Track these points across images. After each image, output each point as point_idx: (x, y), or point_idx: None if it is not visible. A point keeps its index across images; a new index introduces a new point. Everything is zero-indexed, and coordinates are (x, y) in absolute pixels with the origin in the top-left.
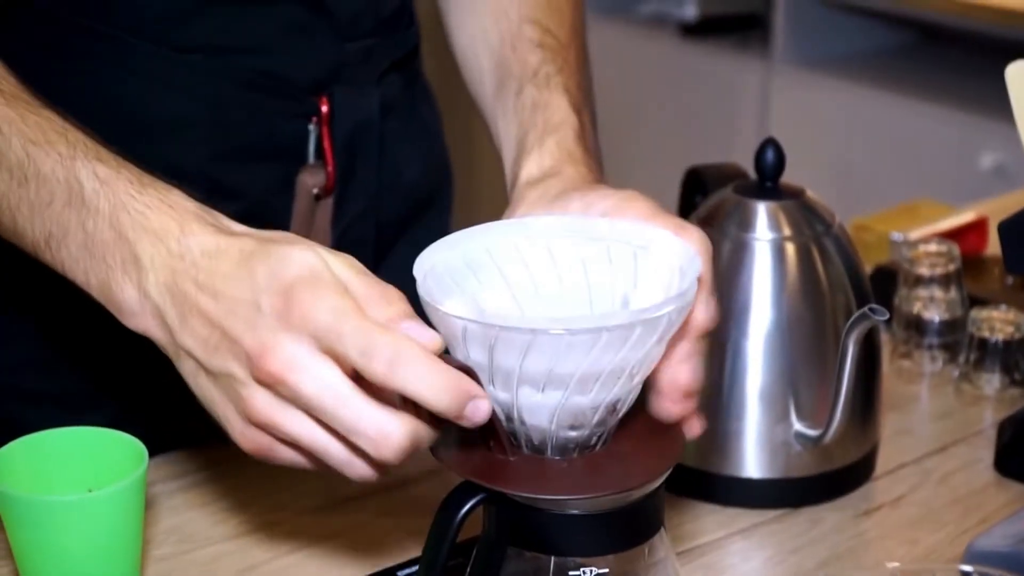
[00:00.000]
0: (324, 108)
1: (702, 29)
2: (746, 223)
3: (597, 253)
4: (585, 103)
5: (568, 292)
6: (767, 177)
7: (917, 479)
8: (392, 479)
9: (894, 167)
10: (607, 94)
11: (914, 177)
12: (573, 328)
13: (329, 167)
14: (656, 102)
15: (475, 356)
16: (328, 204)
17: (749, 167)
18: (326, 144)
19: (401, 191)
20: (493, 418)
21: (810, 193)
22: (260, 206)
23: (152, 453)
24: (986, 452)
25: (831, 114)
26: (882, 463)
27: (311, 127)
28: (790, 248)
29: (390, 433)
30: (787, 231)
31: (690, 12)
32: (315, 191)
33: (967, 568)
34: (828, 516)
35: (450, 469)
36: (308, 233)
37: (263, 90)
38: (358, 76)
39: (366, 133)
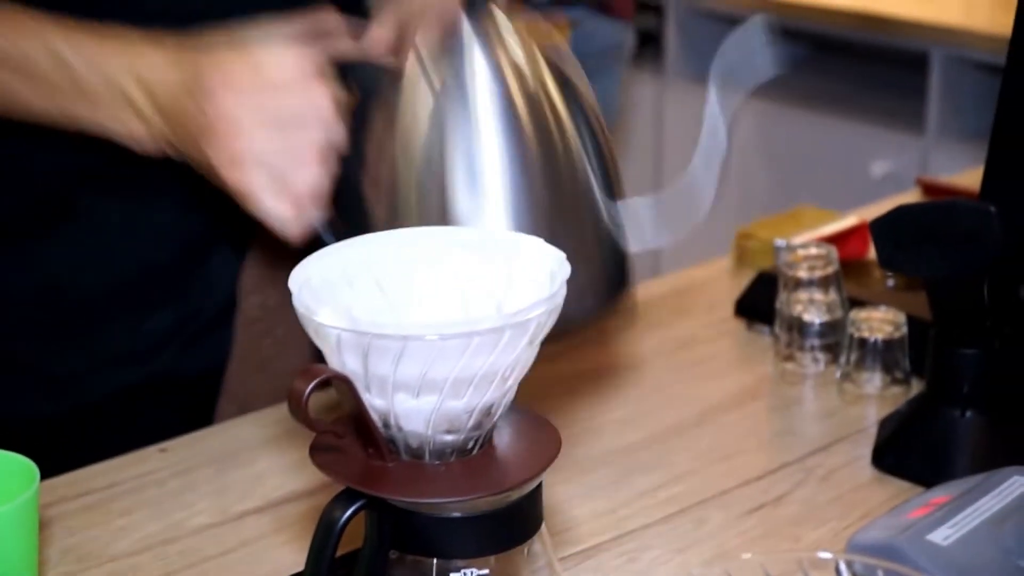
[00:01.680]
0: None
1: None
2: None
3: (471, 260)
4: None
5: (443, 300)
6: None
7: (800, 477)
8: (284, 494)
9: (787, 177)
10: None
11: (806, 187)
12: (444, 333)
13: None
14: None
15: (351, 364)
16: None
17: (644, 178)
18: None
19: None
20: (370, 424)
21: None
22: None
23: (44, 475)
24: (867, 450)
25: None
26: (766, 463)
27: None
28: None
29: None
30: None
31: None
32: None
33: (826, 554)
34: (713, 515)
35: (330, 477)
36: None
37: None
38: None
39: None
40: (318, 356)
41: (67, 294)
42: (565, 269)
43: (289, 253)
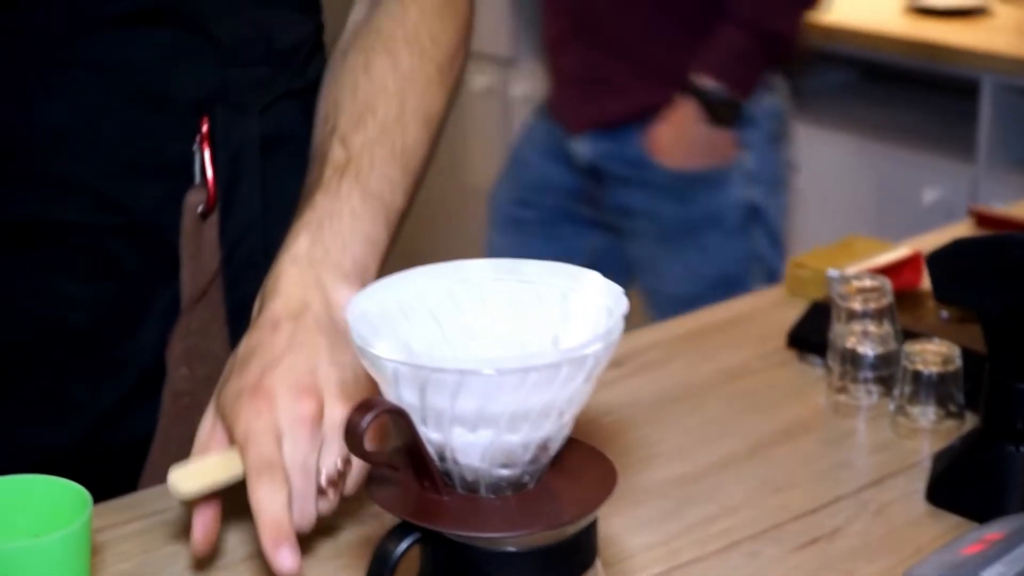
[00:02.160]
0: (204, 127)
1: None
2: None
3: (527, 294)
4: (353, 204)
5: (499, 334)
6: None
7: (853, 511)
8: (335, 523)
9: (836, 205)
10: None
11: (857, 214)
12: (502, 368)
13: (210, 185)
14: None
15: (407, 397)
16: (213, 222)
17: None
18: (207, 162)
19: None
20: (426, 458)
21: None
22: (148, 222)
23: (97, 500)
24: (921, 484)
25: None
26: (819, 496)
27: (195, 147)
28: None
29: None
30: None
31: None
32: (199, 208)
33: None
34: (766, 549)
35: (385, 509)
36: (198, 251)
37: (144, 107)
38: (242, 100)
39: (248, 155)
40: None
41: None
42: (622, 304)
43: (219, 327)
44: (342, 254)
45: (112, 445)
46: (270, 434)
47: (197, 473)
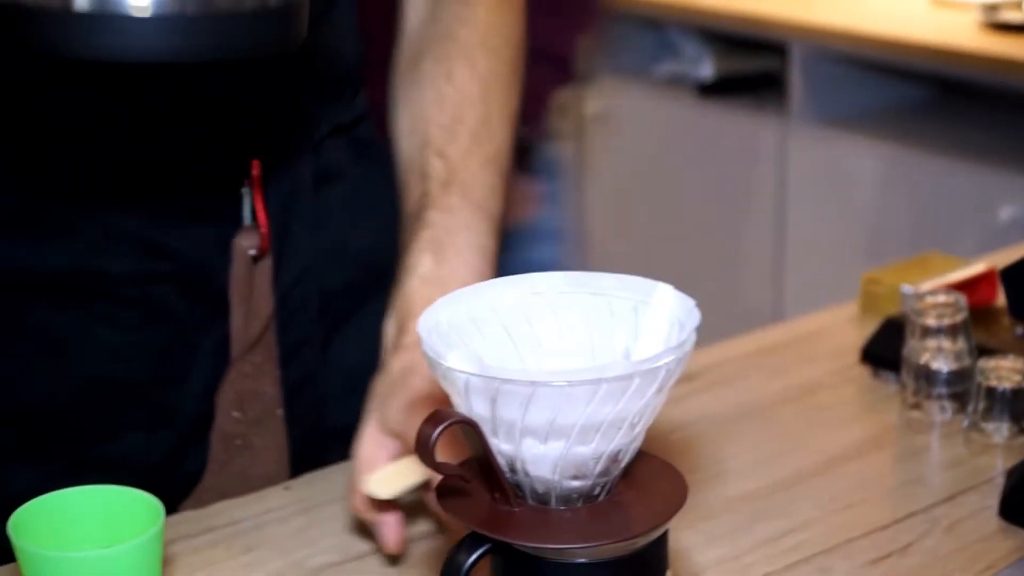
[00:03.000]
0: (255, 171)
1: (719, 89)
2: None
3: (599, 307)
4: (465, 217)
5: (571, 346)
6: None
7: (926, 527)
8: (406, 536)
9: (912, 222)
10: (624, 153)
11: (932, 231)
12: (573, 379)
13: (263, 229)
14: (674, 161)
15: (478, 409)
16: (266, 267)
17: (766, 223)
18: (259, 206)
19: (348, 259)
20: (497, 469)
21: None
22: (197, 267)
23: (169, 511)
24: (994, 500)
25: (849, 170)
26: (892, 512)
27: (244, 190)
28: None
29: None
30: None
31: (706, 72)
32: (251, 252)
33: None
34: (838, 565)
35: (456, 520)
36: (249, 295)
37: (193, 152)
38: (292, 140)
39: (300, 197)
40: (295, 465)
41: (22, 408)
42: (694, 317)
43: (271, 368)
44: (465, 270)
45: (159, 490)
46: None
47: (390, 478)
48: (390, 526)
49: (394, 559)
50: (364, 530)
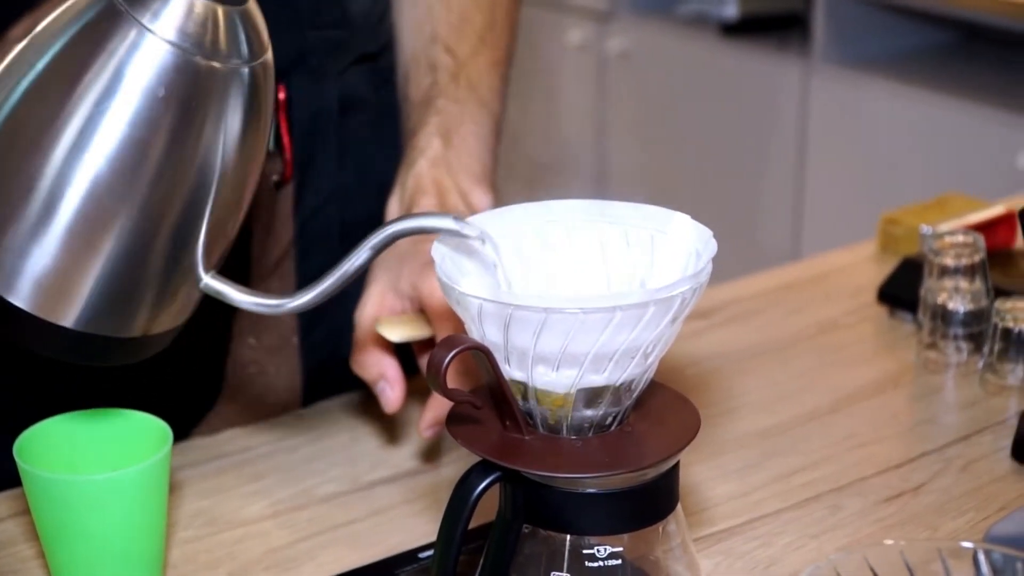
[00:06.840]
0: (281, 95)
1: (742, 28)
2: None
3: (616, 236)
4: (472, 110)
5: (586, 274)
6: None
7: (939, 467)
8: (415, 465)
9: (932, 165)
10: (646, 92)
11: (952, 175)
12: (587, 307)
13: (287, 155)
14: (695, 101)
15: (491, 335)
16: (288, 193)
17: (787, 164)
18: (284, 131)
19: (371, 189)
20: (509, 397)
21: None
22: None
23: (179, 438)
24: (1008, 441)
25: (870, 113)
26: (905, 451)
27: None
28: None
29: None
30: None
31: (730, 11)
32: (274, 178)
33: (967, 544)
34: (849, 503)
35: (466, 447)
36: (271, 221)
37: None
38: (319, 65)
39: (325, 123)
40: (309, 395)
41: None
42: (711, 247)
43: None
44: (471, 159)
45: (172, 416)
46: None
47: (399, 325)
48: (391, 383)
49: (407, 489)
50: (374, 459)
